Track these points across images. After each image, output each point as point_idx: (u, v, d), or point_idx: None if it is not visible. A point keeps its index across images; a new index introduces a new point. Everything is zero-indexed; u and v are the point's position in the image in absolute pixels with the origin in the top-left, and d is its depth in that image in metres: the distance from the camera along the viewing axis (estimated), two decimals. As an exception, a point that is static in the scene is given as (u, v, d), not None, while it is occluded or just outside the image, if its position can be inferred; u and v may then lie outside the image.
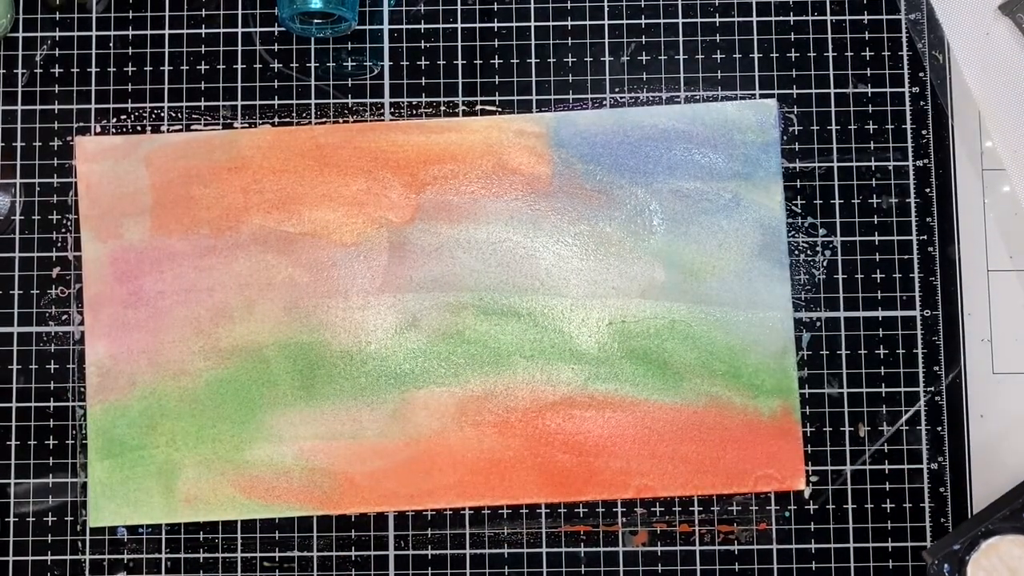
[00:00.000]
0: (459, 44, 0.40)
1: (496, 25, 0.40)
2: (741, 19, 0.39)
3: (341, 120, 0.39)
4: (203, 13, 0.40)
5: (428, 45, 0.40)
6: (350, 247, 0.38)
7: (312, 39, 0.39)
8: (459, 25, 0.40)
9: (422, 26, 0.40)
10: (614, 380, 0.38)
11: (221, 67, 0.39)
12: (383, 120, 0.39)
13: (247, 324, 0.38)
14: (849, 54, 0.39)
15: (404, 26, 0.40)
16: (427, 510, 0.38)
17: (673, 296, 0.38)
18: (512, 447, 0.37)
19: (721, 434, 0.37)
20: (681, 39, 0.39)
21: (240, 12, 0.40)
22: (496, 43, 0.40)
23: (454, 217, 0.38)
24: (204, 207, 0.38)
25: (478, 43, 0.40)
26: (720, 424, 0.37)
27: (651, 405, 0.37)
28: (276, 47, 0.40)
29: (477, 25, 0.40)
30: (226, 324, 0.38)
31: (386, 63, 0.40)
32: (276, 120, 0.39)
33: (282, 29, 0.39)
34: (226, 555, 0.39)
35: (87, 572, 0.38)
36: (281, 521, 0.38)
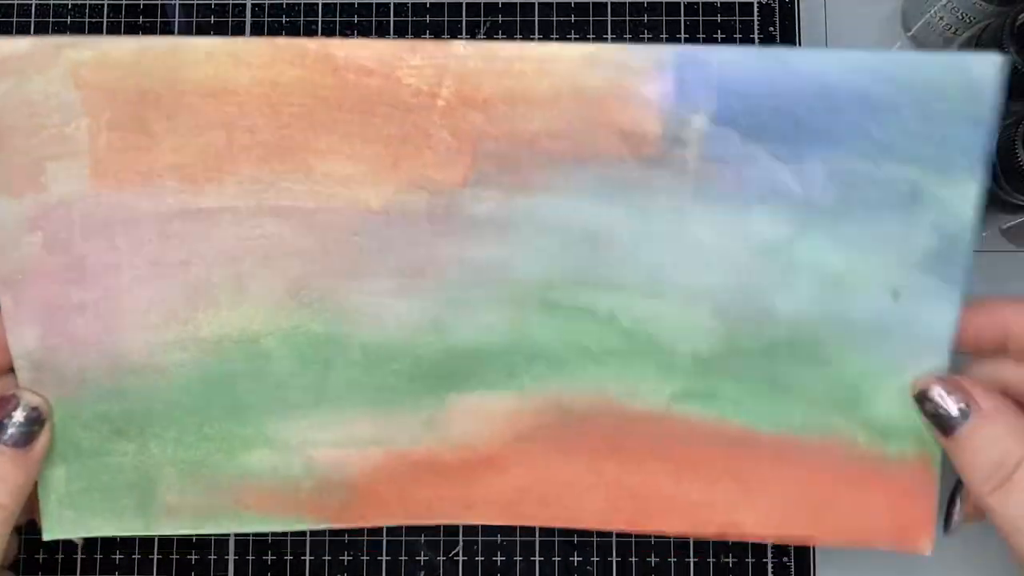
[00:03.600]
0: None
1: None
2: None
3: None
4: None
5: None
6: (377, 214, 0.28)
7: None
8: None
9: None
10: (710, 400, 0.30)
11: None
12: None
13: (237, 308, 0.29)
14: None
15: None
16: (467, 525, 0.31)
17: (803, 306, 0.29)
18: (573, 465, 0.30)
19: (834, 476, 0.30)
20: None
21: None
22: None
23: (522, 181, 0.28)
24: (169, 148, 0.27)
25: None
26: (835, 465, 0.30)
27: (752, 434, 0.30)
28: None
29: None
30: (208, 308, 0.28)
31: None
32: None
33: None
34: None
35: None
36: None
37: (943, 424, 0.28)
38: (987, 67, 0.26)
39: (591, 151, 0.27)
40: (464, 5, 0.39)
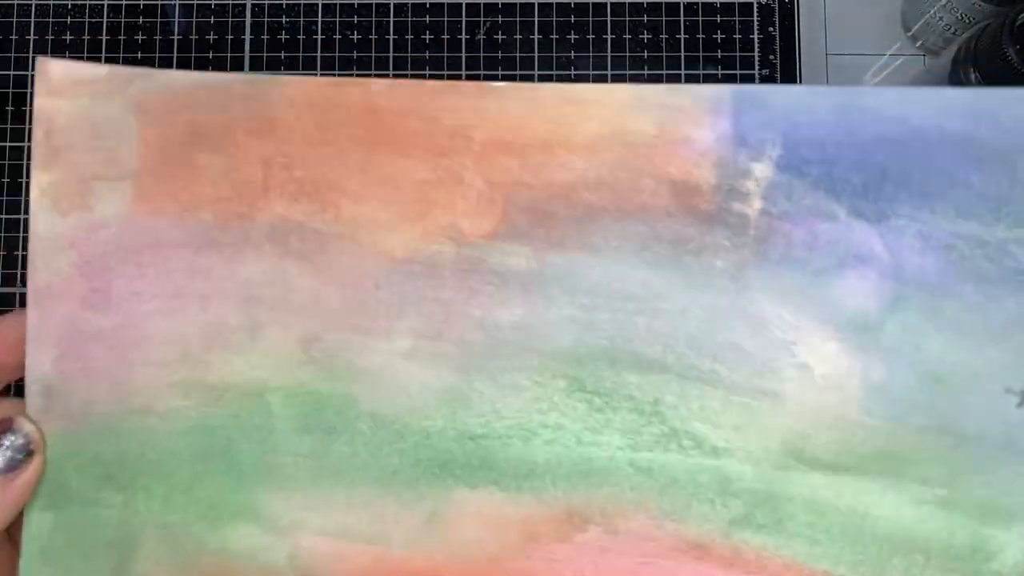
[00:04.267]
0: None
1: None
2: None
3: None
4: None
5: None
6: (401, 264, 0.26)
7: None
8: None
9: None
10: (777, 531, 0.23)
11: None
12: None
13: (248, 355, 0.27)
14: None
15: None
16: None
17: (896, 413, 0.22)
18: None
19: None
20: None
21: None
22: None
23: (556, 238, 0.25)
24: (209, 181, 0.27)
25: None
26: None
27: None
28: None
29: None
30: (221, 351, 0.27)
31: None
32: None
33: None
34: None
35: None
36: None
37: None
38: None
39: (635, 204, 0.24)
40: (464, 5, 0.39)
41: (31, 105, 0.28)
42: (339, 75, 0.38)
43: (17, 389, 0.28)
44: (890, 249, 0.22)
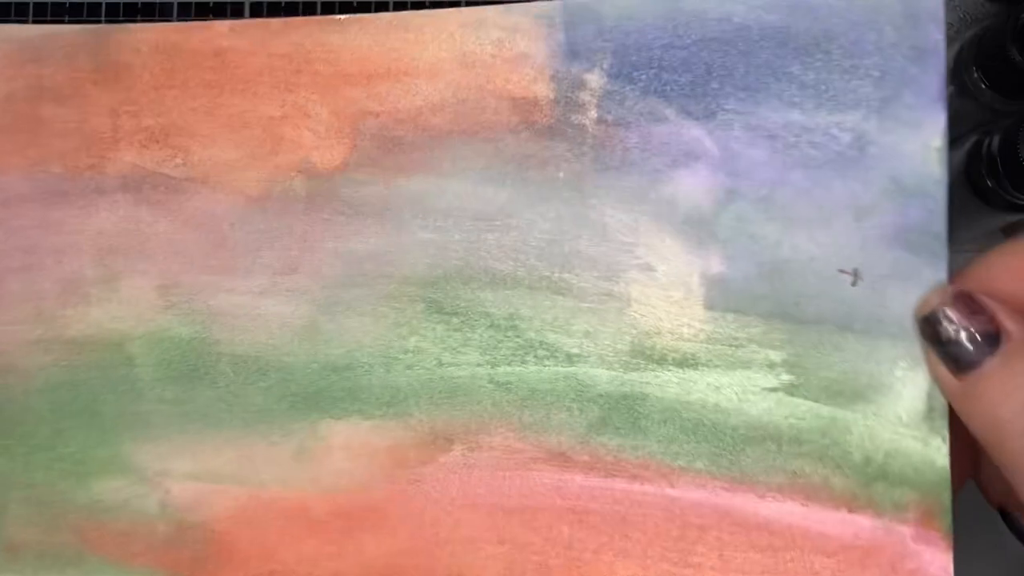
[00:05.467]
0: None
1: None
2: None
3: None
4: None
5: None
6: (255, 201, 0.26)
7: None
8: None
9: None
10: (633, 431, 0.23)
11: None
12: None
13: (107, 306, 0.26)
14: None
15: None
16: None
17: (738, 303, 0.23)
18: (467, 523, 0.24)
19: (805, 541, 0.22)
20: None
21: None
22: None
23: (405, 163, 0.25)
24: (57, 133, 0.26)
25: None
26: (804, 523, 0.22)
27: (690, 478, 0.23)
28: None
29: None
30: (79, 304, 0.26)
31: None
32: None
33: None
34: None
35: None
36: None
37: (962, 356, 0.20)
38: (930, -15, 0.22)
39: (479, 123, 0.24)
40: (463, 3, 0.39)
41: None
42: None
43: None
44: (719, 144, 0.23)
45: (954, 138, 0.38)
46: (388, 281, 0.25)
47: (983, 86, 0.34)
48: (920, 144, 0.22)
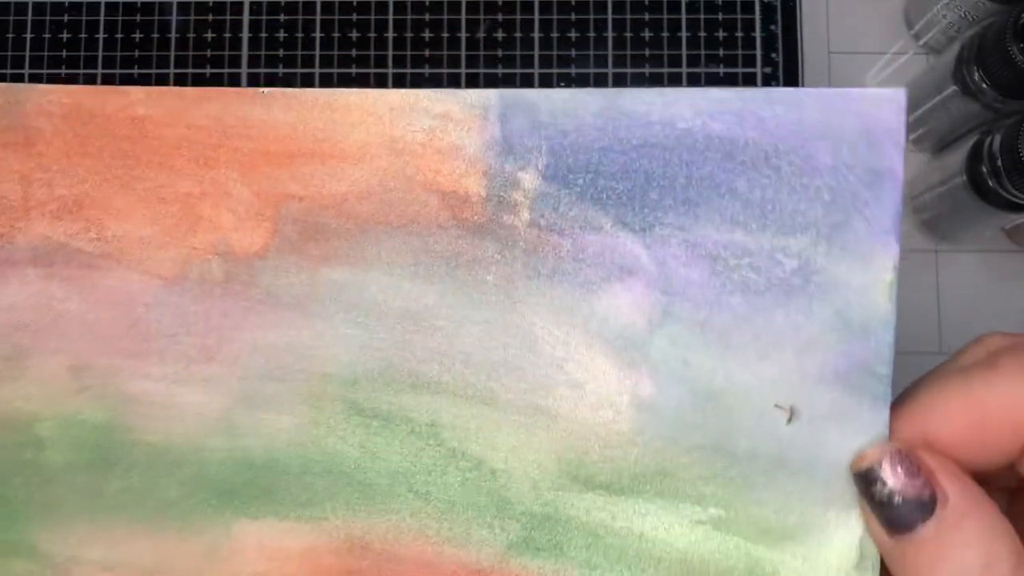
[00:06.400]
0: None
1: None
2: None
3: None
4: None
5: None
6: (171, 283, 0.24)
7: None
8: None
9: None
10: (555, 554, 0.22)
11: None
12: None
13: (15, 384, 0.25)
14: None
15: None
16: None
17: (669, 430, 0.21)
18: None
19: None
20: None
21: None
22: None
23: (329, 252, 0.23)
24: None
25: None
26: None
27: None
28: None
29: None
30: (-14, 382, 0.25)
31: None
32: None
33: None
34: None
35: None
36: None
37: (896, 519, 0.19)
38: (888, 104, 0.20)
39: (406, 215, 0.23)
40: (464, 4, 0.37)
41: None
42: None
43: None
44: (656, 260, 0.21)
45: (954, 138, 0.38)
46: (307, 377, 0.23)
47: (984, 85, 0.34)
48: (869, 278, 0.20)
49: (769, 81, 0.38)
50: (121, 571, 0.24)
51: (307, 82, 0.38)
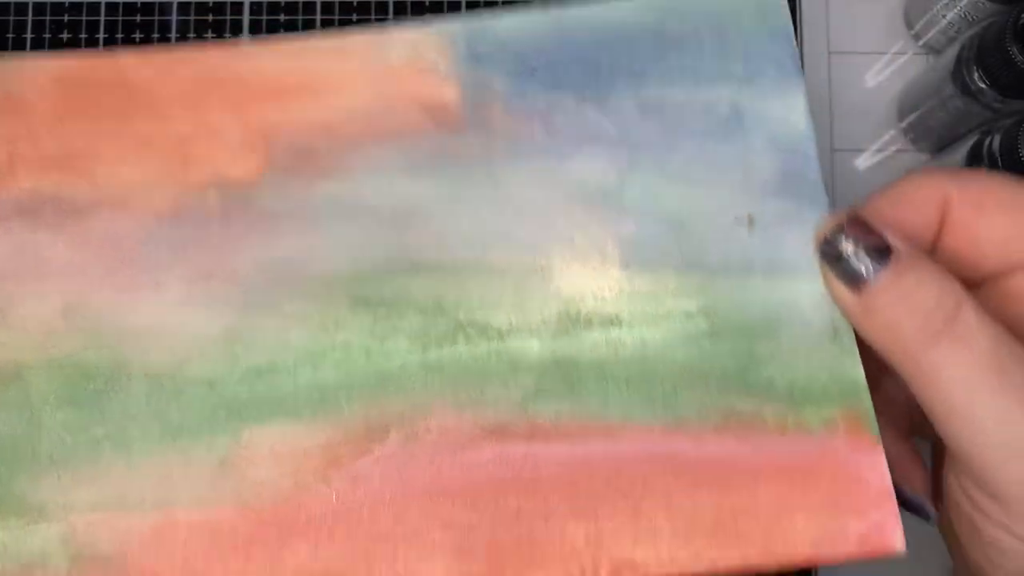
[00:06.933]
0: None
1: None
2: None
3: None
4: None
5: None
6: (166, 218, 0.25)
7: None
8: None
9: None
10: (569, 396, 0.24)
11: None
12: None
13: (1, 334, 0.25)
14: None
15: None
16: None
17: (651, 261, 0.24)
18: (408, 514, 0.23)
19: (747, 472, 0.23)
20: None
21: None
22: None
23: (321, 169, 0.26)
24: None
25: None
26: (743, 456, 0.23)
27: (630, 431, 0.23)
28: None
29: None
30: (-34, 334, 0.25)
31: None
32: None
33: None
34: None
35: None
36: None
37: (856, 272, 0.22)
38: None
39: (391, 129, 0.26)
40: (463, 3, 0.40)
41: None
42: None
43: None
44: (615, 123, 0.25)
45: (954, 138, 0.38)
46: (309, 281, 0.25)
47: (984, 85, 0.33)
48: (786, 108, 0.25)
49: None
50: (120, 507, 0.23)
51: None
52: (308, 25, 0.39)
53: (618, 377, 0.24)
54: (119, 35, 0.39)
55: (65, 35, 0.39)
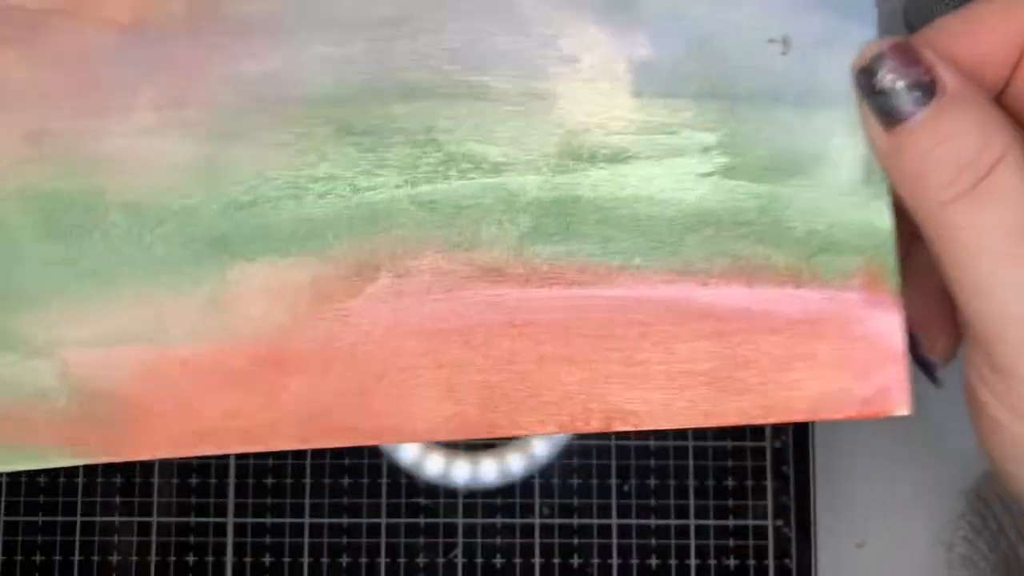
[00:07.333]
0: None
1: None
2: None
3: None
4: None
5: None
6: (130, 31, 0.23)
7: None
8: None
9: None
10: (568, 237, 0.22)
11: None
12: None
13: (-35, 162, 0.23)
14: None
15: None
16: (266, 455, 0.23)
17: (667, 87, 0.22)
18: (402, 351, 0.22)
19: (751, 323, 0.22)
20: None
21: None
22: None
23: None
24: None
25: None
26: (749, 304, 0.22)
27: (630, 276, 0.22)
28: None
29: None
30: (-72, 163, 0.23)
31: None
32: None
33: None
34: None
35: None
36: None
37: (894, 107, 0.19)
38: None
39: None
40: None
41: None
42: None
43: None
44: None
45: None
46: (288, 104, 0.23)
47: None
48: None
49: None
50: (112, 343, 0.23)
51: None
52: None
53: (621, 218, 0.22)
54: None
55: None
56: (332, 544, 0.38)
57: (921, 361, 0.22)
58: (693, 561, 0.37)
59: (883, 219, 0.21)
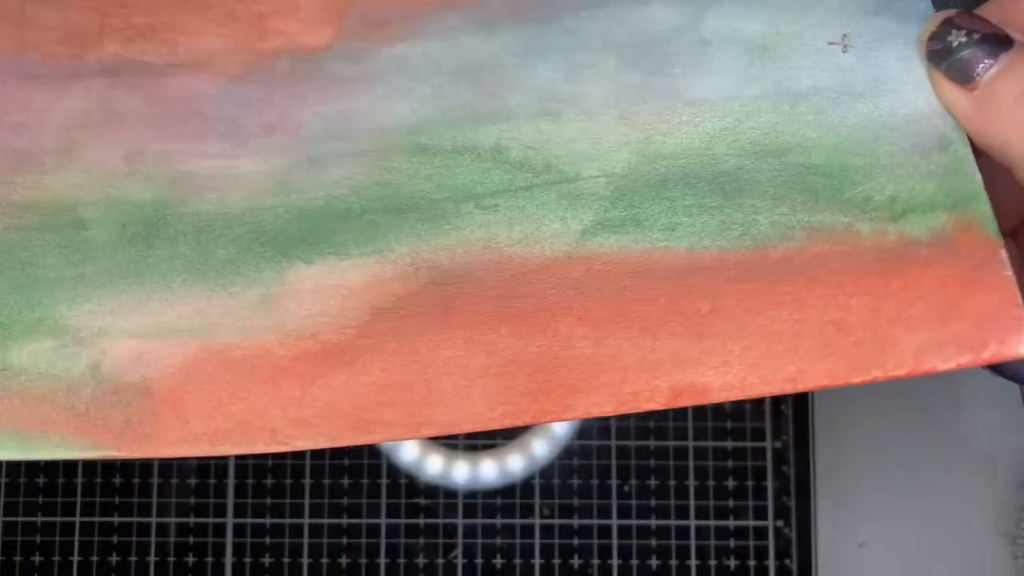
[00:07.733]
0: None
1: None
2: None
3: None
4: None
5: None
6: (236, 80, 0.25)
7: None
8: None
9: None
10: (635, 226, 0.23)
11: None
12: None
13: (63, 174, 0.24)
14: None
15: None
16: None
17: (732, 85, 0.23)
18: (450, 342, 0.23)
19: (835, 283, 0.21)
20: None
21: None
22: None
23: (392, 35, 0.25)
24: (39, 27, 0.26)
25: None
26: (831, 267, 0.22)
27: (699, 257, 0.22)
28: None
29: None
30: (30, 172, 0.24)
31: None
32: None
33: None
34: None
35: None
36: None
37: (967, 65, 0.20)
38: None
39: None
40: None
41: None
42: None
43: None
44: None
45: None
46: (370, 133, 0.25)
47: None
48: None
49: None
50: (155, 336, 0.23)
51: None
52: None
53: (689, 206, 0.23)
54: None
55: None
56: (332, 544, 0.38)
57: None
58: (693, 562, 0.37)
59: (970, 177, 0.21)
